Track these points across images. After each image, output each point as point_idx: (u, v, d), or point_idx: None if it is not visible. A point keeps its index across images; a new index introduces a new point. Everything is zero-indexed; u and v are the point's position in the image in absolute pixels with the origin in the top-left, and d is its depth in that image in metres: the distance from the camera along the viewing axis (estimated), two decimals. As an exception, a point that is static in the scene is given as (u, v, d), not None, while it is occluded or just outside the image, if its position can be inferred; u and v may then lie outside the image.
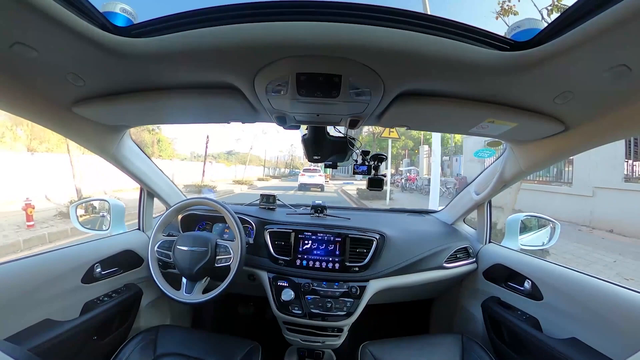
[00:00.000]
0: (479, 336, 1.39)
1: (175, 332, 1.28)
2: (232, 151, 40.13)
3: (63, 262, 1.12)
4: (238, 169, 27.43)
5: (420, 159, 19.23)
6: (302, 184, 16.33)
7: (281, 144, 66.74)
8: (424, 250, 1.44)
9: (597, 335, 0.93)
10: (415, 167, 19.69)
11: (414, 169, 19.01)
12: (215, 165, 25.07)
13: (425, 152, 18.21)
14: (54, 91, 0.79)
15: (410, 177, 17.05)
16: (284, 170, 48.85)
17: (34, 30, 0.53)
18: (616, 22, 0.46)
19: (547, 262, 1.23)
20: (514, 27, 0.61)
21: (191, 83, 0.78)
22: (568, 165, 8.38)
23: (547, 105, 0.77)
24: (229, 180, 21.45)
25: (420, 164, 18.53)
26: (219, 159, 32.09)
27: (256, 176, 29.21)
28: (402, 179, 17.75)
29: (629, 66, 0.55)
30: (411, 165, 20.50)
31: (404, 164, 24.39)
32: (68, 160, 8.39)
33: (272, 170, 43.54)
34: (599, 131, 0.81)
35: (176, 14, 0.58)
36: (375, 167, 1.29)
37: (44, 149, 10.52)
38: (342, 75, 0.67)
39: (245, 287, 1.49)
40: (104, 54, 0.60)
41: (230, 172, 26.58)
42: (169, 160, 18.43)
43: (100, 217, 1.57)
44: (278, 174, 39.97)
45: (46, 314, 1.01)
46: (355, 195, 12.25)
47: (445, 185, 12.93)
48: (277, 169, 47.01)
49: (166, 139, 21.72)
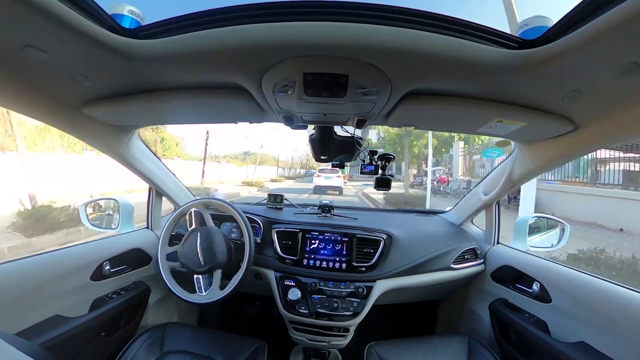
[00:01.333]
0: (485, 338, 1.38)
1: (183, 330, 1.29)
2: (249, 152, 38.19)
3: (73, 260, 1.14)
4: (250, 170, 25.99)
5: (453, 158, 16.64)
6: (317, 186, 14.53)
7: (296, 142, 65.19)
8: (431, 251, 1.43)
9: (606, 340, 0.92)
10: (442, 167, 18.06)
11: (441, 169, 17.43)
12: (225, 166, 24.22)
13: (460, 150, 15.95)
14: (64, 92, 0.81)
15: (441, 179, 15.10)
16: (299, 170, 46.81)
17: (44, 33, 0.54)
18: (625, 19, 0.45)
19: (556, 264, 1.21)
20: (522, 25, 0.60)
21: (199, 84, 0.79)
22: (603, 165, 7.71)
23: (556, 104, 0.76)
24: (237, 182, 20.09)
25: (455, 163, 16.20)
26: (229, 159, 30.42)
27: (269, 177, 28.06)
28: (434, 181, 15.17)
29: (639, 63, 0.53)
30: (436, 165, 18.57)
31: (393, 168, 22.37)
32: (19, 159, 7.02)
33: (287, 171, 41.94)
34: (609, 130, 0.80)
35: (183, 16, 0.59)
36: (382, 166, 1.29)
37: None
38: (349, 75, 0.67)
39: (251, 286, 1.50)
40: (113, 55, 0.60)
41: (240, 172, 25.30)
42: (171, 159, 17.29)
43: (108, 216, 1.59)
44: (292, 175, 38.44)
45: (56, 310, 1.03)
46: (383, 201, 10.74)
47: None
48: (292, 170, 45.19)
49: (171, 137, 20.51)
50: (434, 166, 17.87)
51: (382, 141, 35.98)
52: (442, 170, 17.33)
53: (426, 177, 14.45)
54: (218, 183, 18.26)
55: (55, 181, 8.13)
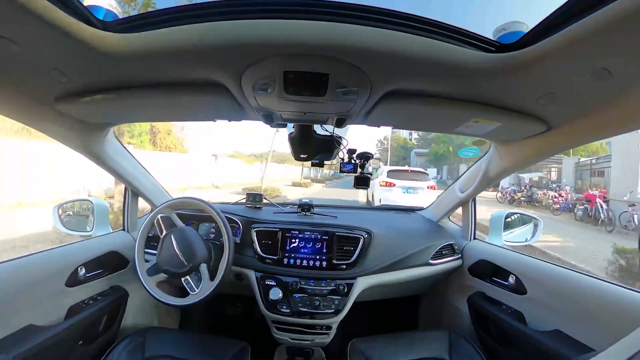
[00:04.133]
0: (466, 331, 1.42)
1: (164, 334, 1.26)
2: (275, 151, 31.61)
3: (46, 265, 1.09)
4: (263, 168, 17.76)
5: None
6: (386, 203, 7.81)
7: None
8: (410, 248, 1.46)
9: (579, 327, 0.96)
10: (542, 174, 13.84)
11: (539, 175, 13.41)
12: (225, 162, 17.13)
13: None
14: (37, 87, 0.77)
15: (590, 196, 9.09)
16: (327, 172, 34.50)
17: (16, 24, 0.52)
18: (598, 28, 0.47)
19: (530, 257, 1.26)
20: (499, 30, 0.62)
21: (177, 80, 0.77)
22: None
23: (531, 106, 0.79)
24: (239, 187, 13.88)
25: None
26: (236, 155, 21.96)
27: (290, 179, 20.99)
28: (560, 201, 10.32)
29: (610, 70, 0.57)
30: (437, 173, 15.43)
31: (444, 171, 19.79)
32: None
33: (312, 172, 29.28)
34: (580, 131, 0.84)
35: (161, 10, 0.57)
36: (361, 165, 1.31)
37: None
38: (330, 74, 0.67)
39: (232, 286, 1.49)
40: (89, 49, 0.58)
41: (248, 172, 18.47)
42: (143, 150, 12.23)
43: (83, 218, 1.53)
44: (321, 177, 28.50)
45: (29, 320, 0.98)
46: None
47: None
48: (319, 171, 28.49)
49: (165, 130, 15.56)
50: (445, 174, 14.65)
51: (420, 140, 31.07)
52: (536, 179, 13.38)
53: (536, 189, 10.57)
54: (219, 188, 14.31)
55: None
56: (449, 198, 1.67)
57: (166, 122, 14.37)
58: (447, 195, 1.71)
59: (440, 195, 1.81)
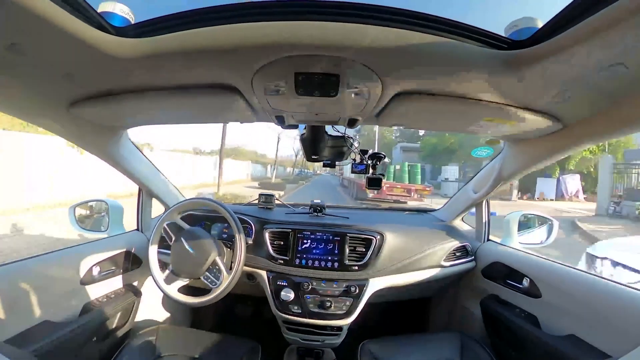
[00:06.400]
0: (477, 334, 1.39)
1: (175, 333, 1.28)
2: (238, 147, 29.06)
3: (62, 264, 1.12)
4: (209, 164, 16.37)
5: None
6: None
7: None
8: (422, 249, 1.45)
9: (595, 332, 0.94)
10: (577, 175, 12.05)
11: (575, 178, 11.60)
12: (162, 156, 13.06)
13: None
14: (52, 92, 0.79)
15: None
16: (289, 170, 33.04)
17: (30, 31, 0.53)
18: (613, 21, 0.46)
19: (546, 259, 1.23)
20: (511, 26, 0.61)
21: (189, 83, 0.78)
22: None
23: (545, 104, 0.77)
24: (187, 189, 9.54)
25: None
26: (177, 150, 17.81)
27: (245, 179, 18.36)
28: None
29: (626, 65, 0.55)
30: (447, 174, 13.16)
31: (448, 171, 15.90)
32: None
33: (271, 170, 26.74)
34: (596, 129, 0.81)
35: (173, 14, 0.58)
36: (373, 165, 1.30)
37: None
38: (340, 75, 0.67)
39: (244, 286, 1.49)
40: (101, 54, 0.59)
41: (195, 168, 16.08)
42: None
43: (99, 218, 1.57)
44: (282, 179, 22.47)
45: (45, 316, 1.01)
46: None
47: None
48: (273, 167, 25.64)
49: None
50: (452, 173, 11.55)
51: (402, 132, 25.75)
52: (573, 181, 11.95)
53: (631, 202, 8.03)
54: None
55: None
56: (462, 198, 1.65)
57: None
58: (460, 195, 1.69)
59: (453, 195, 1.78)
